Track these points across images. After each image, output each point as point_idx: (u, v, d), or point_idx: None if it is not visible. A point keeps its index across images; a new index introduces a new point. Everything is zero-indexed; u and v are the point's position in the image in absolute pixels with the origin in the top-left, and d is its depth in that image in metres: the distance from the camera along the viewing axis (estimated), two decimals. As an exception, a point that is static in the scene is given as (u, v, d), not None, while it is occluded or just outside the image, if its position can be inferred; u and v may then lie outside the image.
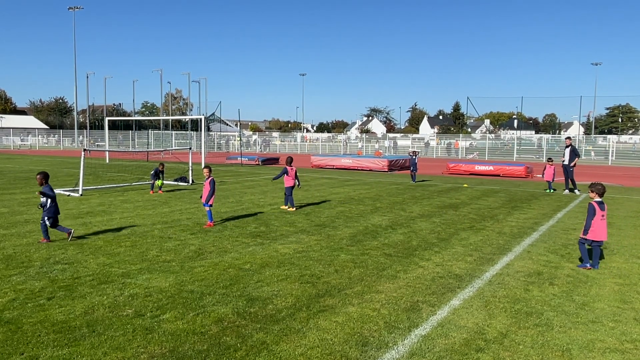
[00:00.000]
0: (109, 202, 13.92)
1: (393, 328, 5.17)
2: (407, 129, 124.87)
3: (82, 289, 6.23)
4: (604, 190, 7.93)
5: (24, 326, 5.01)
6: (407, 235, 9.97)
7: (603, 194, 7.88)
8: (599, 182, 8.05)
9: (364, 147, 58.96)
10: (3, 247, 8.35)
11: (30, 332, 4.87)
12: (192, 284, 6.49)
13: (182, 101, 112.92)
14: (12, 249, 8.27)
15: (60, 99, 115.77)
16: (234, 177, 23.49)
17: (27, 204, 13.36)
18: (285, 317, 5.40)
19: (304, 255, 8.19)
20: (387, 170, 29.29)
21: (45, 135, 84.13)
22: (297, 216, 12.03)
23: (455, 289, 6.52)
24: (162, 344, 4.66)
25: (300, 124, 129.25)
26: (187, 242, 9.00)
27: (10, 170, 26.65)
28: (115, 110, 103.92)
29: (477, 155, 50.36)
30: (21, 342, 4.64)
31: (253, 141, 70.73)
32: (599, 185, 7.90)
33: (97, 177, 21.79)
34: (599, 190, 7.84)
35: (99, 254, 7.99)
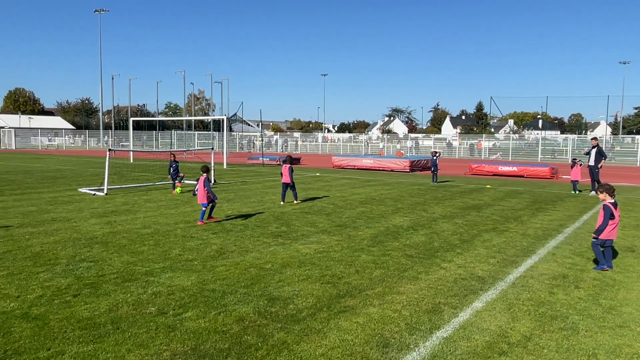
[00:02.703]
0: (133, 202, 14.14)
1: (414, 329, 5.14)
2: (429, 129, 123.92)
3: (106, 286, 6.34)
4: (614, 189, 7.85)
5: (50, 322, 5.12)
6: (428, 237, 9.89)
7: (614, 193, 7.79)
8: (606, 183, 7.99)
9: (385, 147, 58.73)
10: (31, 245, 8.55)
11: (56, 328, 4.98)
12: (214, 283, 6.55)
13: (204, 102, 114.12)
14: (39, 246, 8.46)
15: (87, 100, 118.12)
16: (255, 177, 23.62)
17: (55, 203, 13.66)
18: (306, 317, 5.40)
19: (325, 255, 8.19)
20: (409, 170, 29.11)
21: (71, 135, 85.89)
22: (318, 216, 12.05)
23: (478, 291, 6.44)
24: (184, 342, 4.71)
25: (321, 124, 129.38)
26: (209, 241, 9.09)
27: (39, 169, 27.27)
28: (140, 110, 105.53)
29: (501, 156, 49.70)
30: (48, 337, 4.75)
31: (274, 141, 71.04)
32: (606, 186, 7.84)
33: (121, 177, 22.14)
34: (609, 190, 7.76)
35: (123, 253, 8.12)
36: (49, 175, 23.08)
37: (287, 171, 14.01)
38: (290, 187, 14.22)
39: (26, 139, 76.95)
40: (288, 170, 14.03)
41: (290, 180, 14.05)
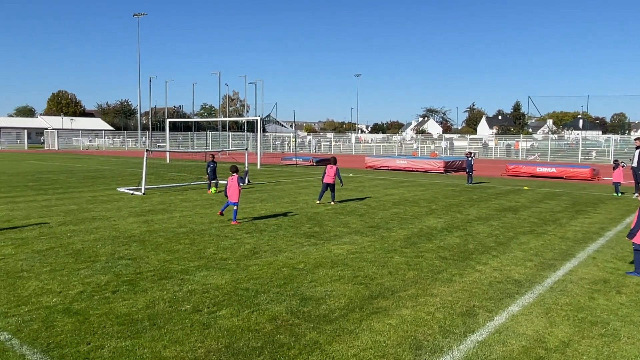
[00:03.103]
0: (169, 201, 14.43)
1: (448, 332, 5.07)
2: (464, 130, 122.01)
3: (143, 283, 6.50)
4: None
5: (90, 317, 5.28)
6: (463, 239, 9.74)
7: None
8: None
9: (419, 148, 58.15)
10: (72, 243, 8.83)
11: (96, 323, 5.13)
12: (247, 282, 6.62)
13: (239, 103, 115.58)
14: (80, 244, 8.74)
15: (125, 102, 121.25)
16: (288, 178, 23.77)
17: (95, 202, 14.08)
18: (338, 317, 5.40)
19: (358, 256, 8.17)
20: (443, 171, 28.74)
21: (111, 136, 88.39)
22: (351, 217, 12.03)
23: (514, 295, 6.30)
24: (218, 340, 4.78)
25: (354, 125, 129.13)
26: (242, 241, 9.19)
27: (79, 169, 28.17)
28: (176, 112, 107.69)
29: (539, 157, 48.49)
30: (88, 332, 4.90)
31: (307, 142, 71.29)
32: None
33: (158, 177, 22.64)
34: None
35: (159, 251, 8.30)
36: (90, 175, 23.80)
37: (334, 172, 14.21)
38: (331, 188, 14.33)
39: (68, 139, 79.58)
40: (336, 171, 14.24)
41: (335, 181, 14.31)
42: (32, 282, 6.48)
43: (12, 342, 4.62)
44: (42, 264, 7.34)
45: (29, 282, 6.48)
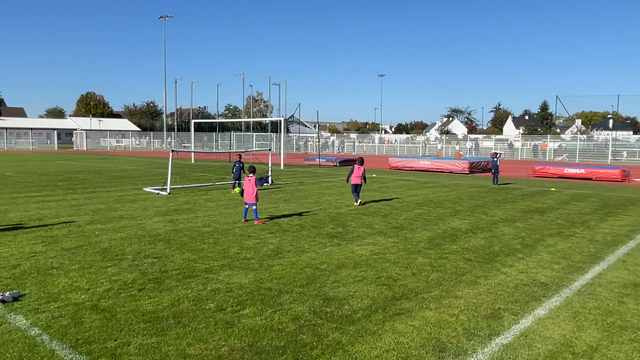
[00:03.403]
0: (194, 201, 14.61)
1: (472, 335, 5.01)
2: (489, 130, 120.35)
3: (169, 282, 6.59)
4: None
5: (117, 314, 5.38)
6: (488, 240, 9.62)
7: None
8: None
9: (444, 148, 57.61)
10: (100, 241, 9.02)
11: (123, 320, 5.23)
12: (271, 282, 6.66)
13: (262, 103, 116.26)
14: (108, 242, 8.92)
15: (151, 103, 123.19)
16: (311, 178, 23.81)
17: (122, 201, 14.34)
18: (361, 318, 5.39)
19: (381, 257, 8.14)
20: (468, 172, 28.41)
21: (137, 137, 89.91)
22: (374, 218, 11.99)
23: (541, 298, 6.19)
24: (241, 338, 4.82)
25: (378, 125, 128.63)
26: (266, 240, 9.25)
27: (107, 169, 28.73)
28: (201, 113, 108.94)
29: (567, 158, 47.53)
30: (115, 329, 4.99)
31: (331, 142, 71.29)
32: None
33: (183, 177, 22.94)
34: None
35: (184, 250, 8.41)
36: (117, 175, 24.26)
37: (362, 172, 14.19)
38: (357, 189, 14.28)
39: (96, 140, 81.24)
40: (363, 171, 14.24)
41: (363, 182, 14.31)
42: (61, 279, 6.64)
43: (43, 338, 4.75)
44: (71, 262, 7.52)
45: (58, 279, 6.64)
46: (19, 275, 6.79)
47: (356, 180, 14.16)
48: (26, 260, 7.57)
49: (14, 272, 6.90)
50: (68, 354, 4.41)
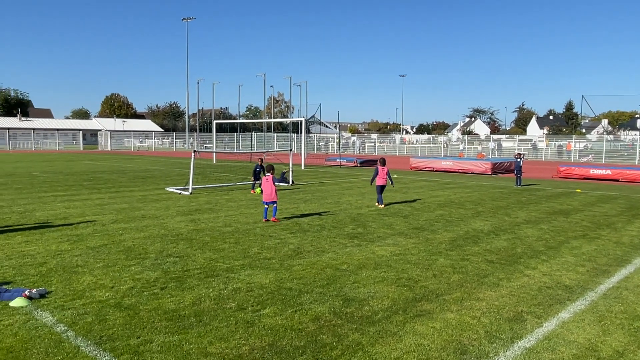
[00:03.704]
0: (215, 201, 14.74)
1: (494, 338, 4.95)
2: (513, 130, 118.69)
3: (190, 281, 6.66)
4: None
5: (140, 312, 5.46)
6: (511, 242, 9.49)
7: None
8: None
9: (466, 149, 57.02)
10: (123, 240, 9.16)
11: (145, 318, 5.30)
12: (291, 282, 6.68)
13: (283, 104, 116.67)
14: (131, 241, 9.05)
15: (174, 104, 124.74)
16: (332, 179, 23.81)
17: (145, 201, 14.55)
18: (381, 319, 5.37)
19: (402, 258, 8.09)
20: (491, 173, 28.07)
21: (160, 137, 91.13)
22: (395, 218, 11.93)
23: (565, 301, 6.08)
24: (262, 338, 4.84)
25: (399, 126, 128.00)
26: (286, 240, 9.28)
27: (130, 169, 29.18)
28: (222, 113, 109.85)
29: (592, 158, 46.60)
30: (138, 326, 5.07)
31: (352, 143, 71.20)
32: None
33: (205, 177, 23.16)
34: None
35: (205, 249, 8.49)
36: (140, 175, 24.61)
37: (386, 173, 14.10)
38: (381, 190, 14.17)
39: (120, 140, 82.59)
40: (387, 172, 14.16)
41: (389, 183, 14.21)
42: (86, 277, 6.76)
43: (68, 334, 4.84)
44: (96, 260, 7.65)
45: (83, 277, 6.77)
46: (45, 272, 6.94)
47: (381, 182, 14.02)
48: (52, 258, 7.74)
49: (40, 270, 7.06)
50: (92, 350, 4.49)
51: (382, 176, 14.01)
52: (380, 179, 14.00)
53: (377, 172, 14.09)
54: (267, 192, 11.15)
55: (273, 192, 11.08)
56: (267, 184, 11.13)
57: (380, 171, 14.03)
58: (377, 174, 14.04)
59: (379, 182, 14.01)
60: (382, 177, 14.01)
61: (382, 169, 14.07)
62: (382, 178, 14.00)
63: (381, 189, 14.08)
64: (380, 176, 14.01)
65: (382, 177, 14.01)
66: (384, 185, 14.11)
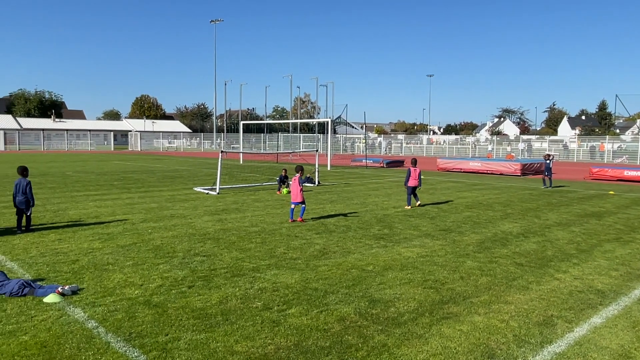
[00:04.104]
0: (242, 201, 14.87)
1: (523, 342, 4.85)
2: (543, 131, 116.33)
3: (217, 280, 6.74)
4: None
5: (168, 310, 5.55)
6: (541, 245, 9.30)
7: None
8: None
9: (495, 149, 56.12)
10: (152, 239, 9.32)
11: (173, 315, 5.38)
12: (317, 282, 6.69)
13: (310, 105, 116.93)
14: (160, 240, 9.21)
15: (202, 105, 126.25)
16: (358, 179, 23.74)
17: (173, 200, 14.77)
18: (407, 321, 5.33)
19: (428, 259, 8.02)
20: (520, 174, 27.56)
21: (188, 138, 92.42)
22: (421, 220, 11.83)
23: (597, 306, 5.93)
24: (287, 337, 4.86)
25: (426, 126, 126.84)
26: (312, 241, 9.30)
27: (159, 169, 29.67)
28: (249, 114, 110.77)
29: (627, 159, 45.29)
30: (166, 324, 5.15)
31: (378, 143, 70.89)
32: None
33: (232, 177, 23.39)
34: None
35: (232, 249, 8.57)
36: (169, 175, 25.01)
37: (419, 174, 13.98)
38: (414, 191, 14.04)
39: (149, 141, 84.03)
40: (419, 173, 14.05)
41: (420, 184, 14.09)
42: (116, 274, 6.91)
43: (99, 330, 4.96)
44: (126, 258, 7.81)
45: (113, 274, 6.91)
46: (77, 269, 7.12)
47: (413, 183, 13.87)
48: (84, 255, 7.93)
49: (73, 267, 7.24)
50: (122, 347, 4.59)
51: (414, 177, 13.88)
52: (413, 180, 13.87)
53: (410, 173, 13.92)
54: (294, 192, 11.22)
55: (297, 192, 11.12)
56: (294, 184, 11.20)
57: (413, 172, 13.90)
58: (410, 175, 13.87)
59: (411, 183, 13.88)
60: (414, 178, 13.88)
61: (415, 170, 13.94)
62: (414, 179, 13.87)
63: (412, 189, 13.97)
64: (413, 177, 13.87)
65: (414, 178, 13.88)
66: (416, 187, 13.99)
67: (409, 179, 13.90)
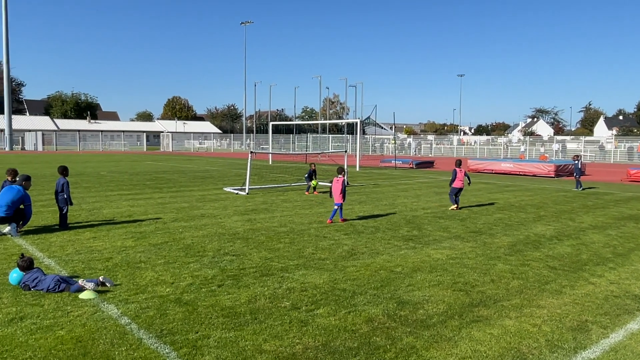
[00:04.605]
0: (271, 201, 14.97)
1: (556, 347, 4.74)
2: (578, 131, 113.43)
3: (246, 279, 6.81)
4: None
5: (198, 308, 5.63)
6: (575, 248, 9.07)
7: None
8: None
9: (527, 150, 55.02)
10: (183, 238, 9.48)
11: (203, 313, 5.46)
12: (345, 283, 6.68)
13: (339, 105, 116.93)
14: (190, 239, 9.36)
15: (232, 106, 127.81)
16: (387, 180, 23.62)
17: (203, 200, 14.99)
18: (436, 323, 5.28)
19: (458, 262, 7.92)
20: (554, 175, 26.94)
21: (218, 138, 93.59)
22: (451, 221, 11.68)
23: (634, 312, 5.75)
24: (315, 337, 4.88)
25: (456, 127, 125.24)
26: (340, 241, 9.29)
27: (190, 170, 30.14)
28: (279, 115, 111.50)
29: (666, 161, 43.75)
30: (196, 322, 5.23)
31: (407, 144, 70.35)
32: None
33: (261, 178, 23.57)
34: None
35: (261, 249, 8.64)
36: (199, 175, 25.38)
37: (464, 175, 13.83)
38: (458, 193, 13.84)
39: (181, 142, 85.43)
40: (465, 173, 13.90)
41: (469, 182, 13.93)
42: (148, 272, 7.05)
43: (131, 326, 5.07)
44: (157, 257, 7.96)
45: (146, 272, 7.06)
46: (111, 267, 7.30)
47: (459, 184, 13.66)
48: (118, 253, 8.12)
49: (107, 264, 7.43)
50: (154, 343, 4.68)
51: (460, 178, 13.69)
52: (459, 181, 13.68)
53: (455, 174, 13.70)
54: (335, 193, 11.33)
55: (338, 193, 11.19)
56: (337, 185, 11.29)
57: (459, 173, 13.71)
58: (456, 176, 13.68)
59: (457, 185, 13.68)
60: (460, 179, 13.69)
61: (460, 170, 13.76)
62: (460, 180, 13.68)
63: (457, 191, 13.75)
64: (459, 178, 13.69)
65: (460, 179, 13.69)
66: (462, 188, 13.78)
67: (454, 180, 13.69)
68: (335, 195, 11.35)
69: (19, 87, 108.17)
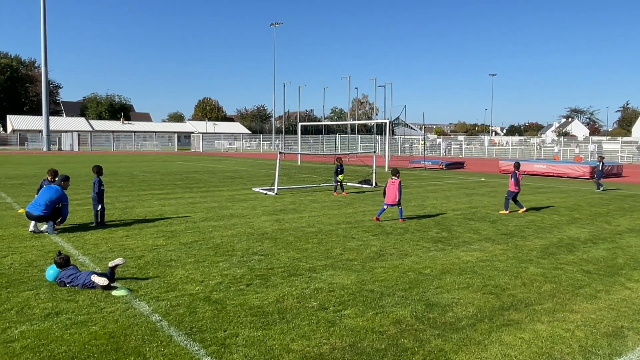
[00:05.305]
0: (299, 201, 15.02)
1: (590, 353, 4.62)
2: (615, 132, 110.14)
3: (274, 279, 6.85)
4: None
5: (227, 307, 5.70)
6: (611, 252, 8.81)
7: None
8: None
9: (561, 151, 53.72)
10: (213, 237, 9.60)
11: (232, 312, 5.53)
12: (373, 284, 6.66)
13: (368, 106, 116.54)
14: (220, 238, 9.47)
15: (261, 107, 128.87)
16: (417, 181, 23.42)
17: (233, 200, 15.15)
18: (466, 326, 5.20)
19: (488, 264, 7.79)
20: (589, 177, 26.23)
21: (248, 139, 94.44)
22: (481, 223, 11.51)
23: (673, 318, 5.55)
24: (342, 338, 4.87)
25: (488, 127, 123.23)
26: (368, 242, 9.26)
27: (220, 170, 30.50)
28: (307, 116, 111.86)
29: None
30: (225, 320, 5.29)
31: (437, 144, 69.59)
32: None
33: (290, 178, 23.68)
34: None
35: (289, 249, 8.68)
36: (229, 176, 25.66)
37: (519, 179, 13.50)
38: (516, 196, 13.46)
39: (211, 142, 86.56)
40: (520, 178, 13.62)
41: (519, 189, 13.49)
42: (178, 271, 7.17)
43: (162, 324, 5.17)
44: (188, 255, 8.09)
45: (176, 270, 7.18)
46: (143, 265, 7.45)
47: (515, 188, 13.29)
48: (149, 252, 8.29)
49: (139, 262, 7.59)
50: (183, 340, 4.76)
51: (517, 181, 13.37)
52: (514, 185, 13.30)
53: (516, 177, 13.34)
54: (389, 194, 11.41)
55: (394, 194, 11.32)
56: (393, 187, 11.40)
57: (519, 176, 13.45)
58: (518, 181, 13.36)
59: (512, 188, 13.32)
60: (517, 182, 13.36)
61: (519, 173, 13.50)
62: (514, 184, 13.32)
63: (514, 195, 13.38)
64: (519, 179, 13.41)
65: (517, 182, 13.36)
66: (518, 192, 13.42)
67: (517, 184, 13.30)
68: (388, 195, 11.45)
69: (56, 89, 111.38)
